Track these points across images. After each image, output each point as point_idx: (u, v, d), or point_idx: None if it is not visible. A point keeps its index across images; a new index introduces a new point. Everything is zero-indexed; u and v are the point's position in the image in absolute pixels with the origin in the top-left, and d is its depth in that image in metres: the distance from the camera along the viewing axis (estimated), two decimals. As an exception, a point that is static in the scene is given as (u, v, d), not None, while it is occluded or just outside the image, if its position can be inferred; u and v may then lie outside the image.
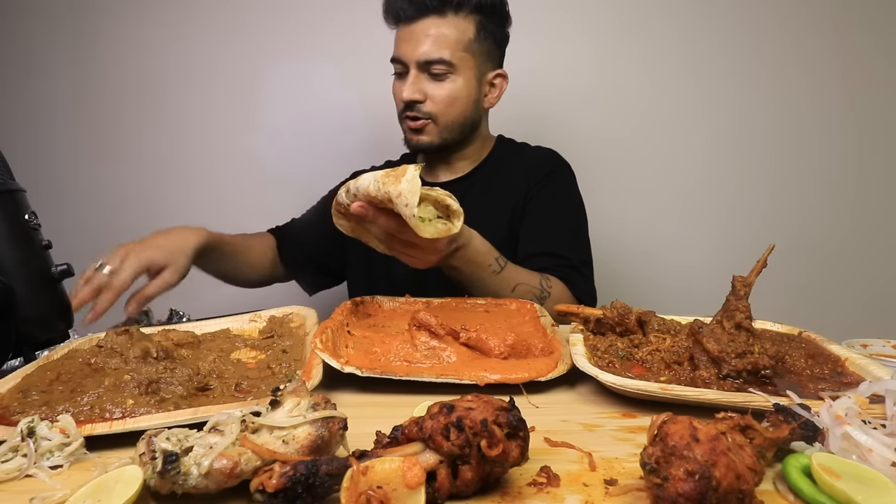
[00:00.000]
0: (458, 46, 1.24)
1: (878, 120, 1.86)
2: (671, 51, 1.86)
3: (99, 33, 1.91)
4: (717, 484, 0.42)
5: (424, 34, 1.23)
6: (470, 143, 1.39)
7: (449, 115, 1.28)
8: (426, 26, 1.23)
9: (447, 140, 1.32)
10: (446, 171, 1.42)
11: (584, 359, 0.74)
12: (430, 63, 1.24)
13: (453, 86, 1.26)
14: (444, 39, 1.23)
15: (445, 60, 1.23)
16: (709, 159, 1.90)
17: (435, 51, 1.23)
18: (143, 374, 0.69)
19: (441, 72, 1.24)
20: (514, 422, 0.49)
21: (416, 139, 1.32)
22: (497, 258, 1.07)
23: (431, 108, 1.27)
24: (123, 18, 1.90)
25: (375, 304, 1.04)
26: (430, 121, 1.29)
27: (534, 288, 1.12)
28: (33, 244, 0.87)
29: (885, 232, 1.89)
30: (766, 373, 0.72)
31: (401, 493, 0.44)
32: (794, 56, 1.84)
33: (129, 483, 0.47)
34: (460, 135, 1.34)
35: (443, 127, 1.30)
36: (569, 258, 1.25)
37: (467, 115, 1.31)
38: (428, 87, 1.26)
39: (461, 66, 1.26)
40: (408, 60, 1.25)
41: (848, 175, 1.88)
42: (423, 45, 1.23)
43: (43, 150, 1.96)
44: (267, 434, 0.49)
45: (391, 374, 0.74)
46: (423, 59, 1.24)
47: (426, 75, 1.26)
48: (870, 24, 1.82)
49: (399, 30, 1.29)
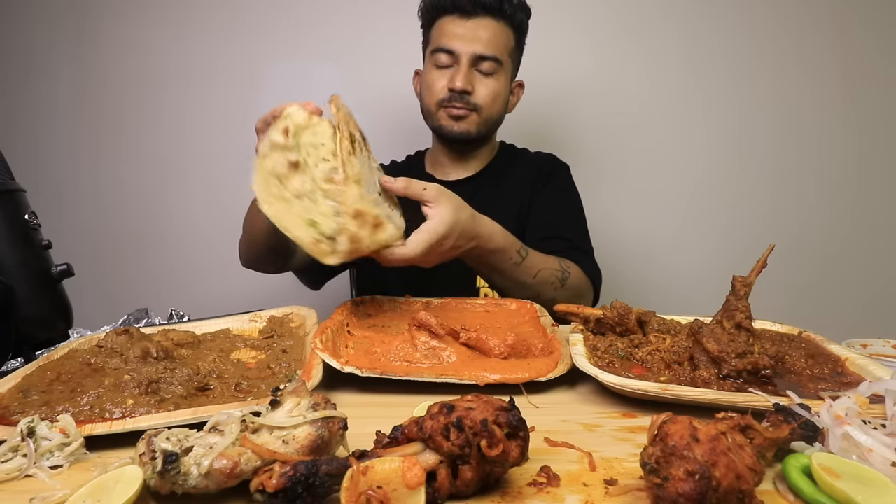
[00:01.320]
0: (506, 50, 1.33)
1: (879, 120, 1.86)
2: (671, 51, 1.86)
3: (99, 33, 1.91)
4: (717, 484, 0.42)
5: (482, 30, 1.29)
6: (488, 143, 1.46)
7: (492, 109, 1.35)
8: (483, 24, 1.29)
9: (482, 133, 1.37)
10: (459, 169, 1.46)
11: (584, 359, 0.74)
12: (484, 59, 1.30)
13: (498, 84, 1.33)
14: (497, 40, 1.30)
15: (498, 59, 1.30)
16: (709, 159, 1.90)
17: (490, 48, 1.29)
18: (143, 374, 0.69)
19: (490, 70, 1.31)
20: (514, 422, 0.49)
21: (457, 126, 1.34)
22: (519, 249, 1.08)
23: (479, 100, 1.32)
24: (124, 18, 1.90)
25: (375, 304, 1.04)
26: (475, 112, 1.33)
27: (555, 271, 1.14)
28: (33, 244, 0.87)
29: (886, 232, 1.89)
30: (766, 373, 0.72)
31: (401, 493, 0.44)
32: (795, 56, 1.84)
33: (129, 483, 0.47)
34: (490, 131, 1.40)
35: (484, 119, 1.35)
36: (576, 242, 1.30)
37: (501, 114, 1.39)
38: (476, 80, 1.32)
39: (505, 68, 1.34)
40: (461, 53, 1.29)
41: (848, 175, 1.88)
42: (481, 41, 1.29)
43: (43, 150, 1.95)
44: (267, 434, 0.49)
45: (391, 374, 0.74)
46: (479, 53, 1.29)
47: (475, 70, 1.31)
48: (870, 24, 1.82)
49: (447, 23, 1.32)
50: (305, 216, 0.75)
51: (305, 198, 0.75)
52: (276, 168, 0.76)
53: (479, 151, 1.45)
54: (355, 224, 0.74)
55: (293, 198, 0.75)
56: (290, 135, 0.77)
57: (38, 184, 1.75)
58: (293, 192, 0.75)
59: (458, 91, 1.30)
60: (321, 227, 0.74)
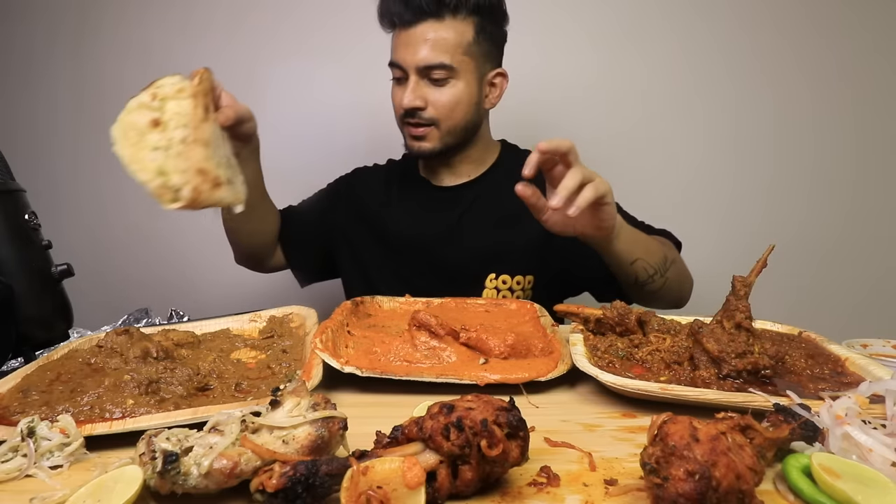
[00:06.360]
0: (457, 50, 1.22)
1: (878, 120, 1.86)
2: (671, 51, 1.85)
3: (100, 33, 1.91)
4: (717, 484, 0.42)
5: (423, 39, 1.21)
6: (472, 146, 1.37)
7: (451, 119, 1.27)
8: (424, 30, 1.21)
9: (449, 144, 1.30)
10: (450, 175, 1.41)
11: (584, 359, 0.74)
12: (430, 68, 1.21)
13: (454, 90, 1.24)
14: (442, 43, 1.20)
15: (446, 65, 1.21)
16: (709, 159, 1.90)
17: (434, 56, 1.20)
18: (143, 374, 0.69)
19: (441, 77, 1.22)
20: (514, 422, 0.49)
21: (418, 145, 1.30)
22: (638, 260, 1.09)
23: (433, 114, 1.25)
24: (124, 18, 1.90)
25: (375, 304, 1.04)
26: (433, 126, 1.27)
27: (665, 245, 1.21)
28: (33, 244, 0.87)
29: (885, 232, 1.89)
30: (766, 373, 0.72)
31: (401, 493, 0.44)
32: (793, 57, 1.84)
33: (129, 483, 0.47)
34: (462, 138, 1.32)
35: (445, 132, 1.28)
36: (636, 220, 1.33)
37: (469, 119, 1.30)
38: (428, 92, 1.24)
39: (461, 70, 1.24)
40: (406, 66, 1.23)
41: (847, 175, 1.88)
42: (422, 51, 1.20)
43: (43, 150, 1.96)
44: (267, 434, 0.49)
45: (391, 374, 0.74)
46: (422, 64, 1.21)
47: (426, 80, 1.24)
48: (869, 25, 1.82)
49: (396, 34, 1.26)
50: (156, 165, 0.82)
51: (160, 151, 0.83)
52: (137, 122, 0.85)
53: (464, 155, 1.37)
54: (198, 179, 0.81)
55: (149, 149, 0.83)
56: (157, 99, 0.86)
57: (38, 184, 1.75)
58: (150, 146, 0.83)
59: (407, 109, 1.24)
60: (170, 177, 0.82)
